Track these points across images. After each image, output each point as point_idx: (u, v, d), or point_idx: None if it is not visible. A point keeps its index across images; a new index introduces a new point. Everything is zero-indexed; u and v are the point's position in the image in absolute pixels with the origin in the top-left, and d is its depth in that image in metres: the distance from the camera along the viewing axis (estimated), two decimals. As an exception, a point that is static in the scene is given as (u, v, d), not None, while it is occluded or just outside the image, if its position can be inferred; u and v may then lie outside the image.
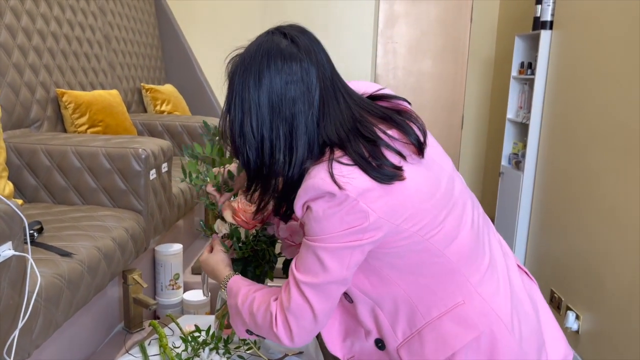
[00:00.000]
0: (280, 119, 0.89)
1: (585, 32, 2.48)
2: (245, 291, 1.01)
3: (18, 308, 1.04)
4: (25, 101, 1.94)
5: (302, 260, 0.90)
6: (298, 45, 0.90)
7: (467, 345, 0.92)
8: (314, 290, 0.89)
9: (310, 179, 0.85)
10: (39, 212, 1.61)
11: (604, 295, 2.20)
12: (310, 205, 0.85)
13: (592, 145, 2.36)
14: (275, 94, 0.88)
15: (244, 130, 0.91)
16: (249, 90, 0.89)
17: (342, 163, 0.85)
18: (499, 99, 3.99)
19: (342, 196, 0.82)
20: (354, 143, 0.87)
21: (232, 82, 0.92)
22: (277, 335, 0.94)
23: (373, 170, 0.83)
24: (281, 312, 0.92)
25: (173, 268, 1.92)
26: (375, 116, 0.92)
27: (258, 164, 0.92)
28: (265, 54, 0.89)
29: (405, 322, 0.95)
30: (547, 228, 2.87)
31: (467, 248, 0.93)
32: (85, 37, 2.47)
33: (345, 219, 0.83)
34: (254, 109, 0.89)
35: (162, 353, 1.35)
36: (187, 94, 3.50)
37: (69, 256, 1.29)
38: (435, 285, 0.92)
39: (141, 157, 1.69)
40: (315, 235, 0.86)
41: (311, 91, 0.89)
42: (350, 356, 1.06)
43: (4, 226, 0.98)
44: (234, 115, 0.91)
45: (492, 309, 0.94)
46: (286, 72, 0.88)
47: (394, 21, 4.15)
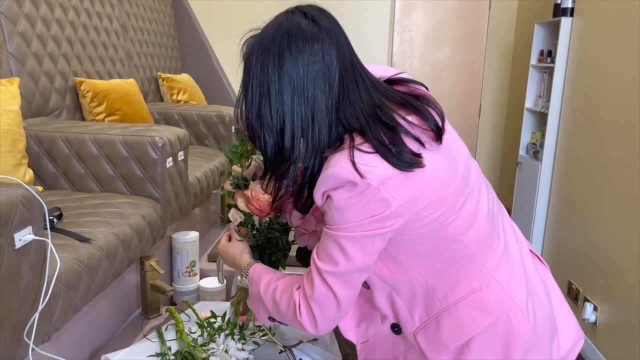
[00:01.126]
0: (302, 101, 0.86)
1: (607, 19, 2.42)
2: (267, 280, 1.01)
3: (38, 292, 1.06)
4: (45, 90, 1.97)
5: (324, 249, 0.90)
6: (319, 25, 0.87)
7: (484, 331, 0.92)
8: (337, 279, 0.89)
9: (331, 167, 0.84)
10: (59, 199, 1.63)
11: (622, 286, 2.17)
12: (330, 194, 0.84)
13: (612, 135, 2.32)
14: (296, 75, 0.86)
15: (262, 114, 0.88)
16: (268, 72, 0.86)
17: (363, 151, 0.83)
18: (517, 88, 3.94)
19: (364, 185, 0.81)
20: (373, 129, 0.85)
21: (249, 63, 0.89)
22: (301, 324, 0.94)
23: (393, 157, 0.82)
24: (304, 301, 0.92)
25: (189, 255, 1.94)
26: (394, 101, 0.90)
27: (276, 149, 0.90)
28: (286, 34, 0.86)
29: (422, 307, 0.96)
30: (565, 219, 2.83)
31: (484, 234, 0.93)
32: (102, 26, 2.49)
33: (366, 208, 0.83)
34: (274, 91, 0.86)
35: (179, 338, 1.37)
36: (203, 83, 3.52)
37: (88, 242, 1.31)
38: (452, 271, 0.92)
39: (158, 145, 1.70)
40: (337, 224, 0.86)
41: (332, 73, 0.87)
42: (364, 340, 1.07)
43: (24, 211, 1.00)
44: (252, 98, 0.88)
45: (509, 295, 0.94)
46: (308, 52, 0.85)
47: (411, 9, 4.10)
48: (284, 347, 1.29)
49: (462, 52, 4.15)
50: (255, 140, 0.92)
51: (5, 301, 0.96)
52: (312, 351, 1.32)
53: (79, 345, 1.39)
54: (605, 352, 2.30)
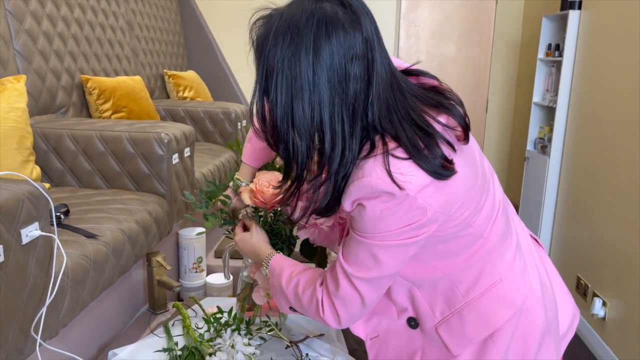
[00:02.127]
0: (341, 99, 0.77)
1: (616, 12, 2.40)
2: (288, 272, 0.98)
3: (45, 287, 1.06)
4: (51, 87, 1.97)
5: (353, 254, 0.86)
6: (356, 13, 0.78)
7: (507, 322, 0.92)
8: (366, 283, 0.87)
9: (366, 176, 0.78)
10: (65, 195, 1.64)
11: (632, 282, 2.15)
12: (363, 203, 0.80)
13: (621, 129, 2.30)
14: (337, 69, 0.76)
15: (293, 115, 0.78)
16: (300, 67, 0.76)
17: (398, 157, 0.78)
18: (524, 82, 3.91)
19: (402, 196, 0.77)
20: (409, 133, 0.79)
21: (270, 56, 0.78)
22: (324, 320, 0.93)
23: (428, 164, 0.78)
24: (328, 298, 0.91)
25: (196, 251, 1.94)
26: (422, 101, 0.85)
27: (307, 155, 0.81)
28: (322, 23, 0.76)
29: (443, 302, 0.95)
30: (573, 214, 2.81)
31: (501, 228, 0.93)
32: (108, 23, 2.49)
33: (403, 217, 0.79)
34: (308, 89, 0.77)
35: (186, 334, 1.37)
36: (209, 80, 3.52)
37: (94, 238, 1.31)
38: (474, 266, 0.92)
39: (164, 142, 1.71)
40: (369, 232, 0.82)
41: (371, 68, 0.79)
42: (374, 336, 1.05)
43: (31, 207, 1.01)
44: (277, 97, 0.78)
45: (525, 285, 0.94)
46: (348, 44, 0.76)
47: (417, 4, 4.08)
48: (290, 343, 1.29)
49: (469, 46, 4.12)
50: (279, 145, 0.83)
51: (12, 296, 0.97)
52: (319, 346, 1.32)
53: (87, 341, 1.40)
54: (614, 348, 2.28)
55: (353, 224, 0.85)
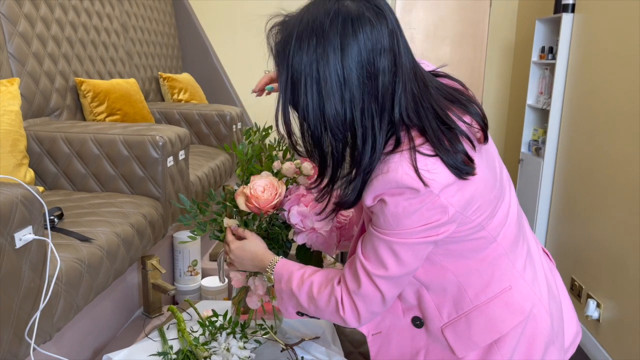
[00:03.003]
0: (370, 95, 0.77)
1: (608, 15, 2.41)
2: (299, 275, 0.98)
3: (39, 291, 1.06)
4: (45, 90, 1.97)
5: (373, 251, 0.86)
6: (379, 7, 0.78)
7: (514, 329, 0.93)
8: (387, 282, 0.87)
9: (392, 171, 0.78)
10: (59, 198, 1.63)
11: (626, 283, 2.16)
12: (385, 198, 0.80)
13: (614, 131, 2.31)
14: (365, 66, 0.76)
15: (326, 117, 0.78)
16: (329, 68, 0.76)
17: (424, 154, 0.79)
18: (519, 85, 3.93)
19: (426, 193, 0.77)
20: (435, 128, 0.80)
21: (296, 62, 0.78)
22: (343, 319, 0.93)
23: (452, 160, 0.79)
24: (348, 296, 0.91)
25: (191, 255, 1.93)
26: (445, 97, 0.85)
27: (343, 154, 0.81)
28: (347, 20, 0.75)
29: (451, 304, 0.95)
30: (567, 215, 2.83)
31: (513, 234, 0.94)
32: (102, 26, 2.49)
33: (425, 215, 0.80)
34: (339, 88, 0.76)
35: (181, 337, 1.37)
36: (204, 82, 3.52)
37: (89, 241, 1.31)
38: (484, 270, 0.92)
39: (158, 144, 1.70)
40: (391, 229, 0.82)
41: (398, 60, 0.79)
42: (377, 332, 1.05)
43: (24, 211, 1.00)
44: (308, 102, 0.78)
45: (534, 293, 0.95)
46: (376, 38, 0.76)
47: (412, 6, 4.09)
48: (285, 346, 1.29)
49: (464, 49, 4.14)
50: (314, 150, 0.82)
51: (6, 301, 0.96)
52: (314, 349, 1.32)
53: (81, 345, 1.39)
54: (608, 349, 2.29)
55: (374, 220, 0.85)
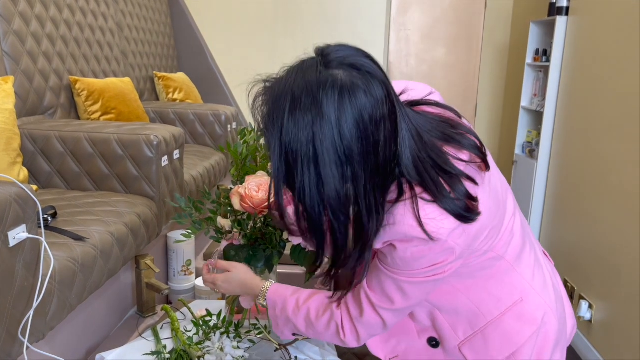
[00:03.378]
0: (376, 168, 0.74)
1: (602, 19, 2.43)
2: (293, 302, 1.00)
3: (32, 290, 1.05)
4: (39, 88, 1.96)
5: (380, 285, 0.87)
6: (370, 72, 0.74)
7: (529, 339, 0.94)
8: (391, 313, 0.90)
9: (397, 223, 0.78)
10: (53, 197, 1.63)
11: (618, 284, 2.18)
12: (395, 244, 0.80)
13: (607, 133, 2.33)
14: (366, 139, 0.72)
15: (326, 198, 0.73)
16: (326, 144, 0.70)
17: (426, 200, 0.78)
18: (513, 87, 3.95)
19: (434, 239, 0.78)
20: (433, 177, 0.78)
21: (291, 140, 0.71)
22: (343, 341, 0.95)
23: (455, 207, 0.78)
24: (349, 321, 0.93)
25: (185, 254, 1.93)
26: (437, 137, 0.83)
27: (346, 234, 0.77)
28: (341, 92, 0.71)
29: (466, 322, 0.96)
30: (560, 217, 2.84)
31: (519, 247, 0.95)
32: (97, 24, 2.48)
33: (433, 258, 0.81)
34: (339, 166, 0.71)
35: (174, 337, 1.37)
36: (199, 82, 3.51)
37: (82, 240, 1.30)
38: (494, 286, 0.93)
39: (153, 144, 1.70)
40: (400, 270, 0.83)
41: (395, 124, 0.75)
42: (394, 356, 1.07)
43: (18, 210, 1.00)
44: (305, 183, 0.72)
45: (545, 301, 0.96)
46: (373, 108, 0.72)
47: (407, 8, 4.10)
48: (279, 345, 1.29)
49: (458, 50, 4.16)
50: (313, 235, 0.78)
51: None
52: (308, 349, 1.32)
53: (74, 344, 1.39)
54: (600, 350, 2.31)
55: (382, 258, 0.86)
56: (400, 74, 4.17)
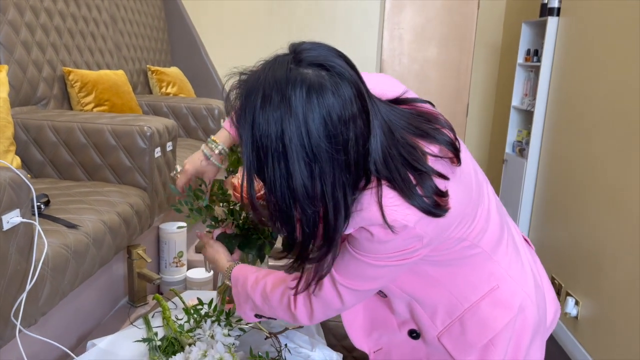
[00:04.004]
0: (341, 168, 0.75)
1: (592, 20, 2.47)
2: (253, 277, 1.02)
3: (25, 274, 1.06)
4: (33, 79, 1.96)
5: (344, 264, 0.87)
6: (339, 73, 0.75)
7: (506, 326, 0.95)
8: (351, 293, 0.89)
9: (364, 210, 0.79)
10: (46, 186, 1.63)
11: (603, 281, 2.21)
12: (367, 228, 0.80)
13: (595, 133, 2.36)
14: (334, 137, 0.73)
15: (295, 192, 0.74)
16: (295, 141, 0.72)
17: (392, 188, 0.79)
18: (504, 87, 3.99)
19: (401, 227, 0.78)
20: (402, 174, 0.79)
21: (262, 135, 0.73)
22: (294, 314, 0.95)
23: (422, 203, 0.78)
24: (305, 295, 0.93)
25: (177, 246, 1.94)
26: (411, 132, 0.84)
27: (315, 225, 0.79)
28: (309, 91, 0.72)
29: (444, 312, 0.97)
30: (549, 215, 2.88)
31: (496, 235, 0.96)
32: (91, 16, 2.48)
33: (400, 244, 0.81)
34: (307, 162, 0.73)
35: (165, 325, 1.38)
36: (192, 77, 3.52)
37: (75, 228, 1.31)
38: (471, 275, 0.94)
39: (146, 135, 1.71)
40: (366, 252, 0.84)
41: (366, 122, 0.76)
42: (378, 349, 1.08)
43: (12, 194, 1.01)
44: (275, 176, 0.74)
45: (522, 289, 0.98)
46: (341, 108, 0.73)
47: (401, 7, 4.13)
48: (269, 334, 1.31)
49: (451, 50, 4.18)
50: (283, 226, 0.79)
51: (-8, 282, 0.97)
52: (298, 338, 1.33)
53: (65, 331, 1.40)
54: (585, 346, 2.34)
55: (350, 240, 0.86)
56: (393, 73, 4.19)
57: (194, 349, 1.22)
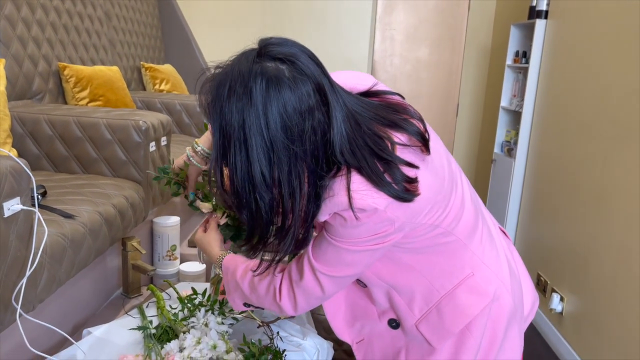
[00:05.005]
0: (300, 156, 0.79)
1: (579, 22, 2.52)
2: (243, 267, 1.04)
3: (25, 261, 1.09)
4: (28, 73, 1.98)
5: (322, 252, 0.91)
6: (295, 65, 0.79)
7: (482, 312, 0.99)
8: (330, 280, 0.93)
9: (335, 195, 0.82)
10: (42, 179, 1.66)
11: (587, 278, 2.27)
12: (340, 213, 0.83)
13: (581, 134, 2.42)
14: (290, 129, 0.78)
15: (253, 179, 0.79)
16: (254, 131, 0.77)
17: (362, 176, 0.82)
18: (494, 87, 4.04)
19: (371, 210, 0.81)
20: (370, 162, 0.82)
21: (225, 123, 0.79)
22: (280, 306, 0.98)
23: (392, 190, 0.82)
24: (288, 285, 0.96)
25: (170, 239, 1.97)
26: (379, 122, 0.87)
27: (271, 213, 0.83)
28: (267, 84, 0.77)
29: (421, 299, 1.00)
30: (536, 214, 2.94)
31: (470, 223, 0.99)
32: (86, 12, 2.50)
33: (372, 228, 0.84)
34: (266, 152, 0.78)
35: (160, 314, 1.41)
36: (185, 74, 3.54)
37: (72, 218, 1.34)
38: (446, 262, 0.98)
39: (141, 129, 1.74)
40: (342, 237, 0.87)
41: (320, 111, 0.80)
42: (360, 339, 1.11)
43: (13, 182, 1.03)
44: (236, 163, 0.79)
45: (496, 275, 1.01)
46: (298, 101, 0.78)
47: (393, 8, 4.18)
48: (262, 322, 1.34)
49: (442, 51, 4.24)
50: (242, 209, 0.84)
51: (-7, 268, 1.00)
52: (289, 327, 1.37)
53: (62, 319, 1.42)
54: (570, 341, 2.40)
55: (326, 226, 0.90)
56: (384, 73, 4.24)
57: (188, 336, 1.25)
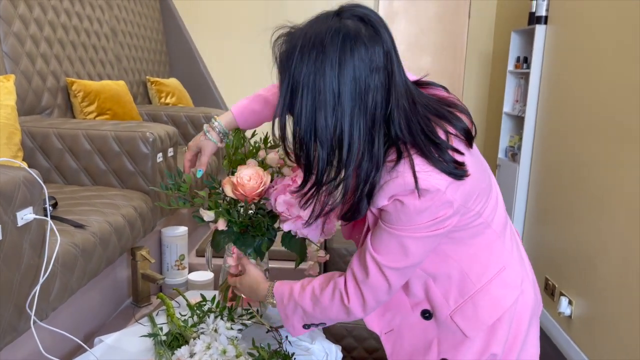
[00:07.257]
0: (362, 110, 0.84)
1: (579, 27, 2.55)
2: (298, 286, 1.06)
3: (38, 269, 1.11)
4: (37, 89, 2.02)
5: (383, 245, 0.93)
6: (376, 29, 0.85)
7: (512, 305, 1.02)
8: (395, 272, 0.95)
9: (399, 177, 0.86)
10: (52, 191, 1.69)
11: (595, 281, 2.27)
12: (400, 199, 0.87)
13: (584, 137, 2.43)
14: (358, 82, 0.83)
15: (316, 127, 0.84)
16: (325, 79, 0.82)
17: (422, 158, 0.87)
18: (496, 93, 4.06)
19: (434, 191, 0.85)
20: (425, 142, 0.87)
21: (296, 72, 0.84)
22: (348, 308, 0.99)
23: (447, 168, 0.86)
24: (354, 285, 0.98)
25: (179, 249, 1.99)
26: (431, 112, 0.92)
27: (328, 162, 0.86)
28: (346, 38, 0.82)
29: (456, 291, 1.03)
30: (542, 218, 2.94)
31: (503, 218, 1.03)
32: (93, 29, 2.55)
33: (434, 211, 0.87)
34: (332, 101, 0.83)
35: (170, 322, 1.42)
36: (190, 87, 3.59)
37: (83, 228, 1.36)
38: (482, 254, 1.01)
39: (149, 140, 1.77)
40: (402, 225, 0.89)
41: (390, 81, 0.85)
42: (389, 330, 1.12)
43: (26, 192, 1.06)
44: (302, 111, 0.84)
45: (523, 269, 1.06)
46: (370, 58, 0.83)
47: (393, 18, 4.22)
48: (270, 327, 1.36)
49: (444, 59, 4.27)
50: (301, 154, 0.88)
51: (7, 275, 1.02)
52: (298, 331, 1.38)
53: (73, 328, 1.44)
54: (579, 344, 2.39)
55: (384, 217, 0.92)
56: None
57: (198, 342, 1.27)
